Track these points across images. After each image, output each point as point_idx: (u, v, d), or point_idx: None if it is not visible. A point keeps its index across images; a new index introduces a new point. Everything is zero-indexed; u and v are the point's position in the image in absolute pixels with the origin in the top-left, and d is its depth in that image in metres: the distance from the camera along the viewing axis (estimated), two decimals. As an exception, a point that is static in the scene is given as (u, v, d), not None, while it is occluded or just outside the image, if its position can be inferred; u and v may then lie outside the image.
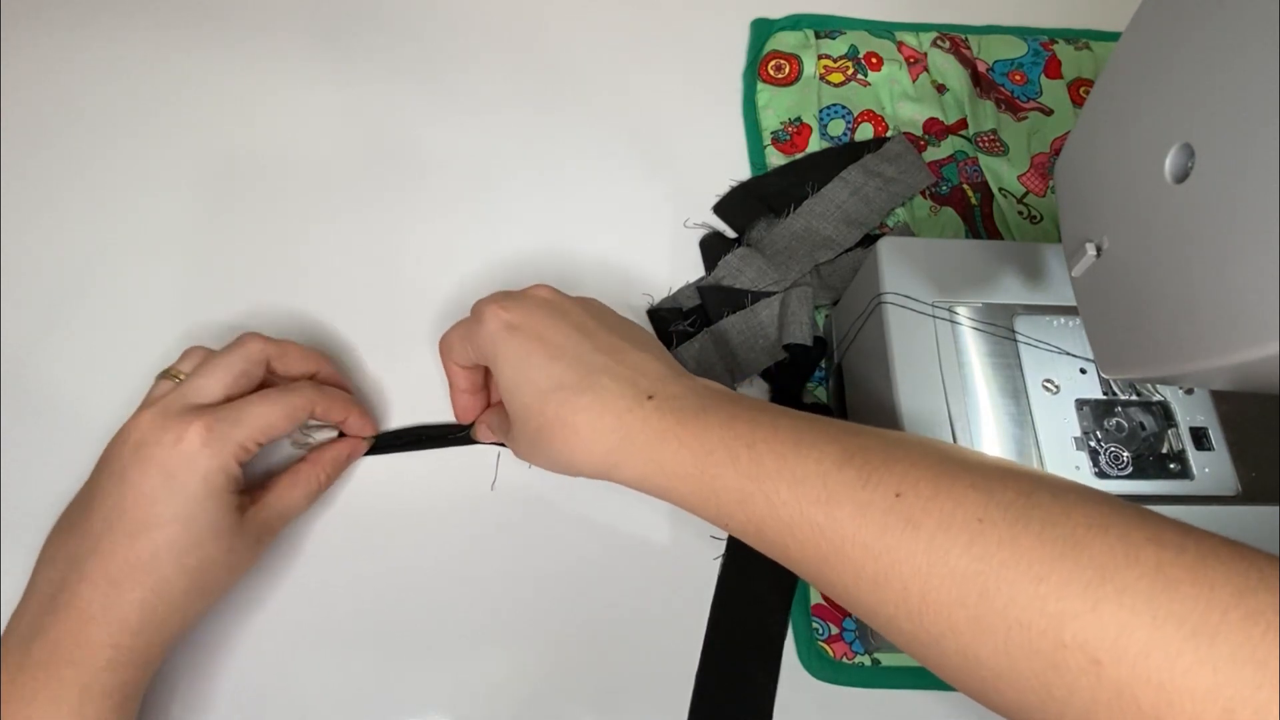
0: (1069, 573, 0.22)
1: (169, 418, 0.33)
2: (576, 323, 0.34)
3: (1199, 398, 0.36)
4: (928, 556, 0.24)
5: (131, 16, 0.53)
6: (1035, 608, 0.22)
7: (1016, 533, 0.23)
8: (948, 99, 0.53)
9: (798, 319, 0.43)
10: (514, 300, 0.34)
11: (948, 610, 0.24)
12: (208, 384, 0.34)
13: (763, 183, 0.50)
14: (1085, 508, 0.24)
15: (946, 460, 0.27)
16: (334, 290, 0.46)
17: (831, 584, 0.27)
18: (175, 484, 0.32)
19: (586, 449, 0.31)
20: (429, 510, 0.41)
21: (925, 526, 0.25)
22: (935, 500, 0.25)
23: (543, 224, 0.49)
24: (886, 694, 0.38)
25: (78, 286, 0.45)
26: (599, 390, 0.31)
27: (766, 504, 0.28)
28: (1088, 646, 0.21)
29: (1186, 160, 0.25)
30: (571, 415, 0.31)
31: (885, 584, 0.25)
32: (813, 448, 0.28)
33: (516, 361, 0.33)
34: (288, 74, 0.52)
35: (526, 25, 0.55)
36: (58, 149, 0.49)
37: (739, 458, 0.29)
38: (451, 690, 0.38)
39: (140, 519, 0.31)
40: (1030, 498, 0.24)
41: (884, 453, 0.27)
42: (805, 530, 0.27)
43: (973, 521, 0.24)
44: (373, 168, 0.50)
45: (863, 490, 0.26)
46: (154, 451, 0.32)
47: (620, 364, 0.32)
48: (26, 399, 0.42)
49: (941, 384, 0.36)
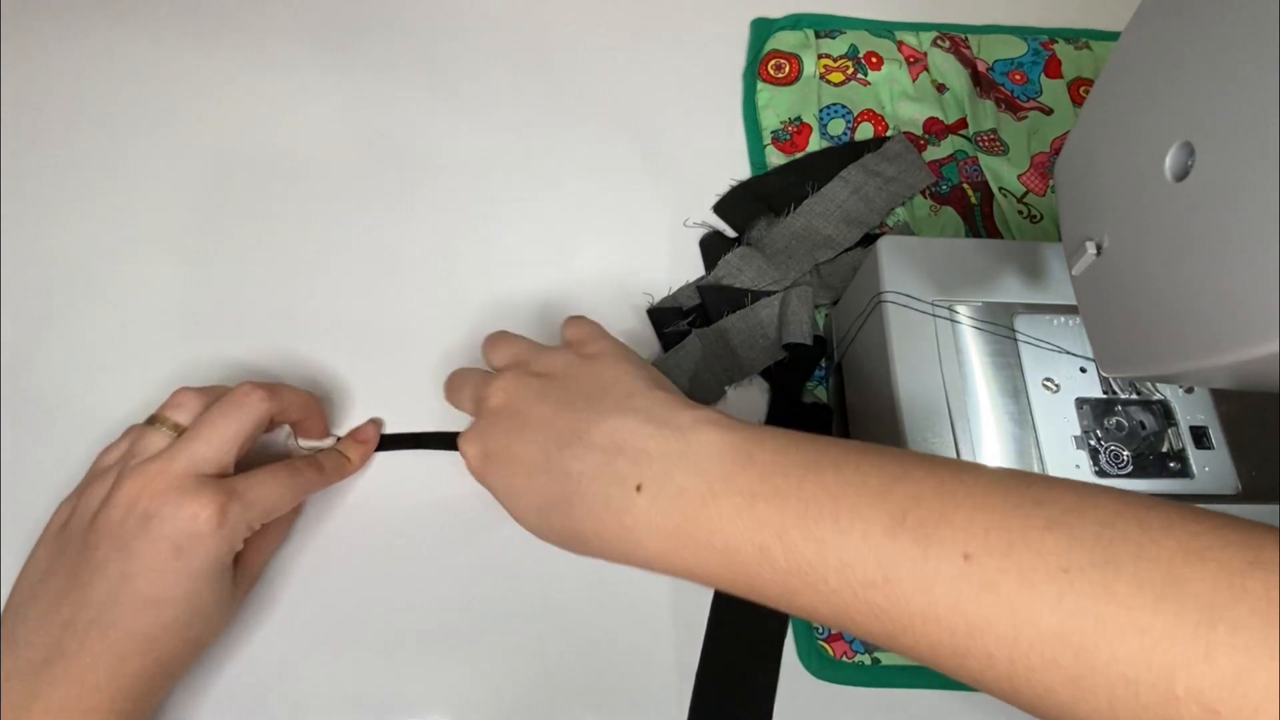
0: (1174, 616, 0.20)
1: (183, 492, 0.32)
2: (536, 420, 0.31)
3: (1199, 396, 0.36)
4: (1012, 621, 0.22)
5: (132, 17, 0.53)
6: (1141, 662, 0.20)
7: (1108, 578, 0.21)
8: (948, 98, 0.53)
9: (798, 318, 0.43)
10: (479, 423, 0.33)
11: (1041, 674, 0.21)
12: (215, 455, 0.33)
13: (763, 182, 0.50)
14: (1175, 531, 0.21)
15: (1011, 495, 0.23)
16: (334, 290, 0.46)
17: (904, 653, 0.24)
18: (184, 561, 0.31)
19: (604, 554, 0.29)
20: (429, 510, 0.41)
21: (1004, 589, 0.22)
22: (1010, 556, 0.22)
23: (542, 223, 0.49)
24: (886, 693, 0.38)
25: (78, 286, 0.45)
26: (584, 498, 0.28)
27: (814, 594, 0.25)
28: (1204, 697, 0.19)
29: (1186, 159, 0.25)
30: (574, 526, 0.29)
31: (966, 654, 0.23)
32: (855, 518, 0.24)
33: (505, 494, 0.32)
34: (288, 75, 0.52)
35: (526, 25, 0.55)
36: (58, 149, 0.49)
37: (771, 553, 0.25)
38: (451, 690, 0.38)
39: (149, 594, 0.31)
40: (1115, 529, 0.22)
41: (939, 500, 0.24)
42: (864, 613, 0.24)
43: (1057, 573, 0.21)
44: (372, 167, 0.50)
45: (924, 562, 0.23)
46: (165, 526, 0.31)
47: (591, 450, 0.29)
48: (26, 399, 0.42)
49: (941, 383, 0.35)
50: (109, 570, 0.31)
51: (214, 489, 0.32)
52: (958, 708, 0.38)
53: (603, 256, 0.48)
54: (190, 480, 0.32)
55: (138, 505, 0.32)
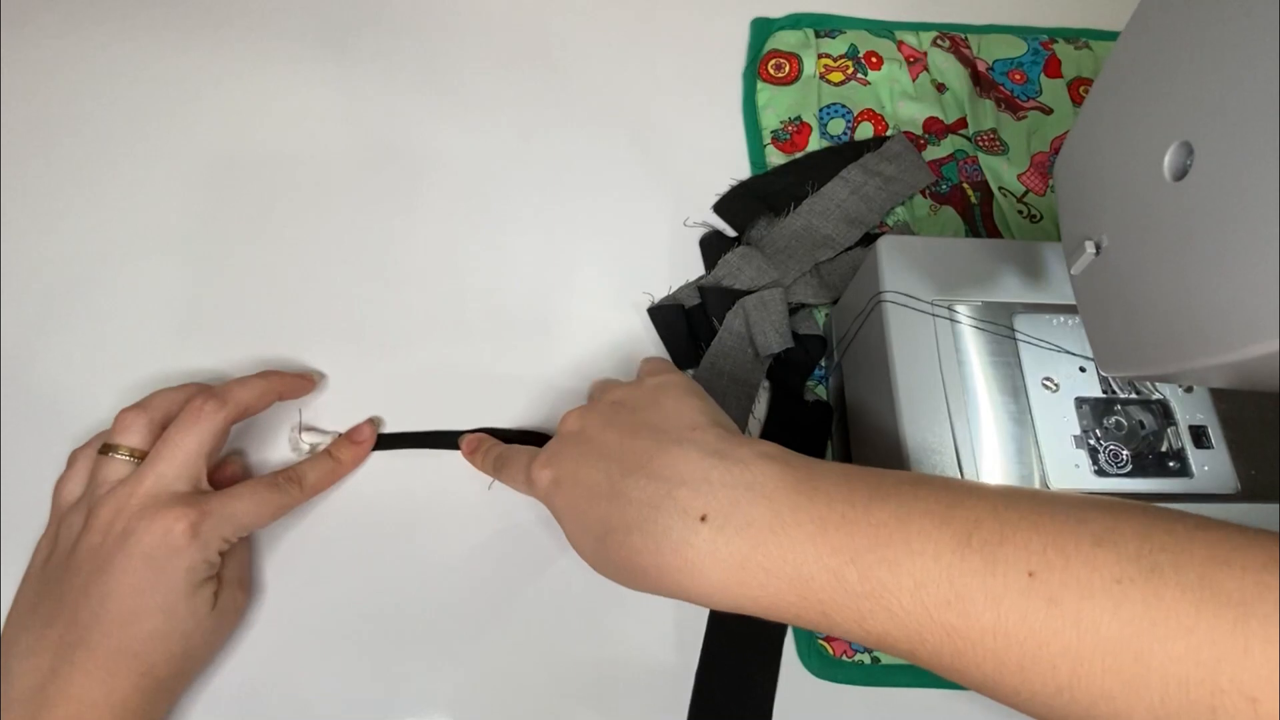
0: (1214, 616, 0.22)
1: (156, 508, 0.33)
2: (602, 448, 0.31)
3: (1198, 396, 0.36)
4: (1076, 632, 0.23)
5: (132, 17, 0.53)
6: (1191, 659, 0.22)
7: (1156, 586, 0.23)
8: (947, 98, 0.53)
9: (761, 328, 0.43)
10: (552, 448, 0.33)
11: (1100, 680, 0.23)
12: (183, 472, 0.35)
13: (763, 182, 0.50)
14: (1199, 539, 0.24)
15: (1058, 516, 0.25)
16: (334, 290, 0.46)
17: (967, 676, 0.25)
18: (160, 575, 0.33)
19: (660, 587, 0.29)
20: (429, 510, 0.41)
21: (1067, 602, 0.23)
22: (1069, 570, 0.24)
23: (543, 223, 0.49)
24: (886, 692, 0.38)
25: (78, 286, 0.45)
26: (645, 527, 0.28)
27: (888, 616, 0.25)
28: (1245, 687, 0.21)
29: (1185, 158, 0.25)
30: (632, 558, 0.29)
31: (1031, 667, 0.24)
32: (926, 540, 0.25)
33: (569, 518, 0.32)
34: (288, 75, 0.52)
35: (526, 25, 0.55)
36: (58, 149, 0.49)
37: (845, 578, 0.26)
38: (451, 690, 0.38)
39: (129, 608, 0.32)
40: (1151, 541, 0.24)
41: (997, 522, 0.25)
42: (936, 634, 0.25)
43: (1112, 584, 0.23)
44: (373, 168, 0.50)
45: (993, 578, 0.24)
46: (141, 541, 0.33)
47: (653, 480, 0.29)
48: (26, 399, 0.42)
49: (941, 382, 0.36)
50: (91, 592, 0.32)
51: (186, 503, 0.34)
52: (957, 708, 0.38)
53: (603, 256, 0.48)
54: (163, 496, 0.34)
55: (114, 526, 0.33)
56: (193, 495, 0.34)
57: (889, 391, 0.36)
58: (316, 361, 0.44)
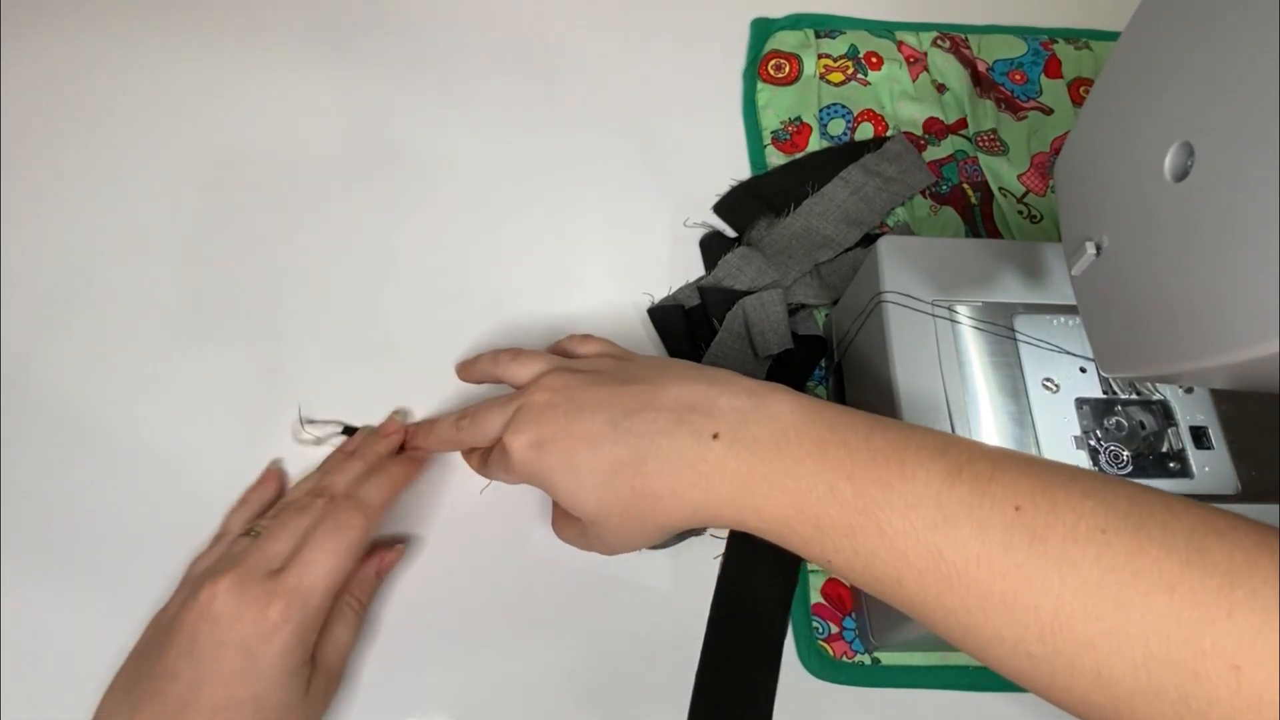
0: (1198, 579, 0.22)
1: (246, 590, 0.31)
2: (593, 400, 0.32)
3: (1199, 396, 0.36)
4: (1059, 571, 0.23)
5: (131, 17, 0.53)
6: (1172, 617, 0.22)
7: (1141, 541, 0.23)
8: (948, 98, 0.53)
9: (760, 329, 0.43)
10: (523, 417, 0.33)
11: (1082, 625, 0.23)
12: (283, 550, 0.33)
13: (763, 182, 0.50)
14: (1193, 512, 0.24)
15: (1051, 470, 0.26)
16: (335, 290, 0.46)
17: (951, 611, 0.26)
18: (252, 663, 0.31)
19: (674, 510, 0.30)
20: (429, 510, 0.41)
21: (1052, 540, 0.24)
22: (1055, 513, 0.24)
23: (543, 223, 0.49)
24: (886, 693, 0.38)
25: (78, 286, 0.45)
26: (660, 451, 0.29)
27: (879, 534, 0.26)
28: (1226, 652, 0.21)
29: (1186, 159, 0.25)
30: (645, 484, 0.30)
31: (1015, 603, 0.24)
32: (918, 466, 0.26)
33: (564, 472, 0.31)
34: (289, 76, 0.52)
35: (526, 26, 0.55)
36: (58, 149, 0.49)
37: (840, 491, 0.27)
38: (451, 690, 0.38)
39: (219, 699, 0.30)
40: (1141, 504, 0.24)
41: (990, 463, 0.26)
42: (922, 557, 0.25)
43: (1096, 533, 0.24)
44: (372, 167, 0.50)
45: (980, 508, 0.25)
46: (233, 629, 0.31)
47: (662, 411, 0.30)
48: (26, 399, 0.42)
49: (941, 383, 0.35)
50: (181, 677, 0.31)
51: (275, 585, 0.32)
52: (957, 708, 0.38)
53: (603, 256, 0.48)
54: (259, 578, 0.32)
55: (211, 609, 0.31)
56: (276, 576, 0.32)
57: (889, 392, 0.36)
58: (316, 362, 0.44)
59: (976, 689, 0.38)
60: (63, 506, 0.40)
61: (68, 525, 0.39)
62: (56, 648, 0.36)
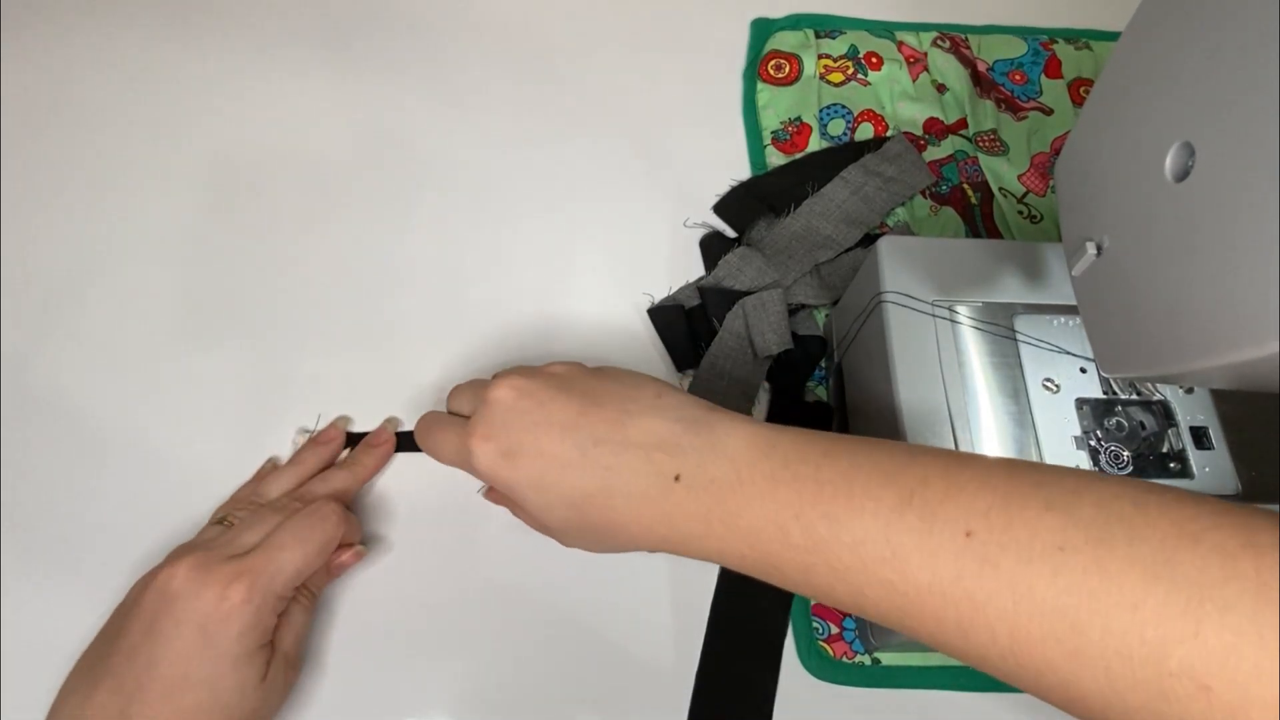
0: (1165, 595, 0.21)
1: (209, 571, 0.32)
2: (562, 415, 0.31)
3: (1199, 397, 0.36)
4: (1011, 595, 0.23)
5: (132, 17, 0.53)
6: (1134, 636, 0.21)
7: (1101, 556, 0.22)
8: (948, 99, 0.53)
9: (759, 329, 0.43)
10: (491, 420, 0.32)
11: (1041, 647, 0.22)
12: (253, 541, 0.34)
13: (763, 182, 0.50)
14: (1171, 515, 0.22)
15: (1014, 479, 0.25)
16: (335, 291, 0.46)
17: (915, 633, 0.26)
18: (209, 642, 0.31)
19: (642, 540, 0.30)
20: (428, 511, 0.41)
21: (1003, 565, 0.23)
22: (1009, 532, 0.23)
23: (543, 223, 0.49)
24: (886, 693, 0.38)
25: (78, 286, 0.45)
26: (626, 490, 0.30)
27: (830, 572, 0.26)
28: (1195, 673, 0.20)
29: (1187, 159, 0.25)
30: (613, 516, 0.30)
31: (971, 629, 0.24)
32: (866, 497, 0.26)
33: (533, 489, 0.31)
34: (290, 77, 0.52)
35: (526, 26, 0.55)
36: (58, 149, 0.49)
37: (789, 532, 0.27)
38: (451, 690, 0.38)
39: (174, 677, 0.31)
40: (1110, 511, 0.23)
41: (945, 482, 0.25)
42: (876, 589, 0.25)
43: (1053, 551, 0.23)
44: (372, 168, 0.50)
45: (930, 536, 0.24)
46: (191, 607, 0.31)
47: (629, 447, 0.30)
48: (26, 399, 0.42)
49: (942, 383, 0.35)
50: (138, 657, 0.31)
51: (238, 566, 0.32)
52: (957, 708, 0.38)
53: (603, 256, 0.48)
54: (220, 559, 0.32)
55: (169, 588, 0.32)
56: (240, 559, 0.33)
57: (889, 392, 0.36)
58: (316, 362, 0.44)
59: (976, 689, 0.38)
60: (62, 506, 0.40)
61: (67, 525, 0.39)
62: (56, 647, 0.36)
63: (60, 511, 0.39)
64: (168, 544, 0.37)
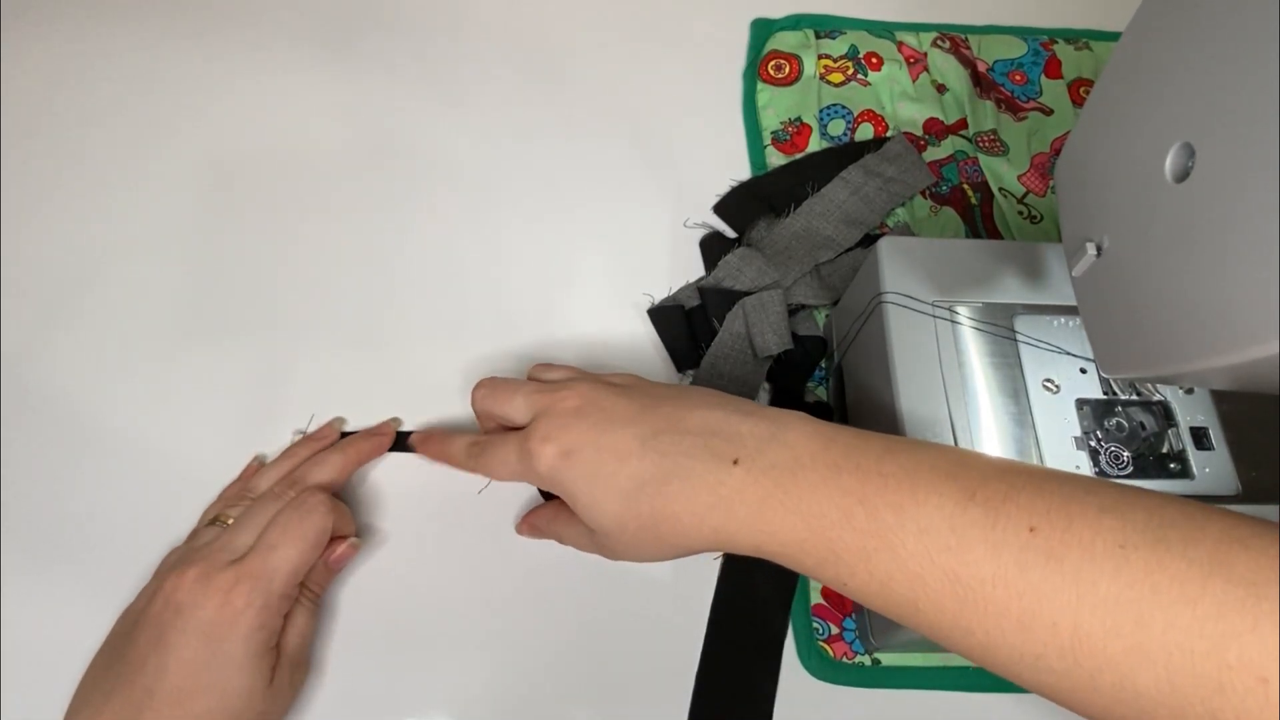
0: (1222, 592, 0.22)
1: (210, 579, 0.32)
2: (623, 414, 0.32)
3: (1199, 397, 0.36)
4: (1076, 589, 0.23)
5: (132, 17, 0.53)
6: (1195, 630, 0.22)
7: (1160, 555, 0.23)
8: (948, 99, 0.53)
9: (759, 330, 0.43)
10: (552, 424, 0.33)
11: (1102, 642, 0.23)
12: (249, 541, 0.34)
13: (763, 183, 0.50)
14: (1217, 522, 0.24)
15: (1068, 485, 0.26)
16: (335, 291, 0.46)
17: (969, 631, 0.26)
18: (216, 648, 0.31)
19: (692, 532, 0.30)
20: (428, 510, 0.41)
21: (1068, 559, 0.24)
22: (1071, 530, 0.24)
23: (543, 224, 0.49)
24: (886, 694, 0.38)
25: (78, 286, 0.45)
26: (683, 473, 0.30)
27: (892, 558, 0.26)
28: (1254, 665, 0.21)
29: (1187, 160, 0.25)
30: (666, 505, 0.30)
31: (1032, 623, 0.24)
32: (931, 491, 0.27)
33: (587, 481, 0.32)
34: (290, 76, 0.52)
35: (526, 26, 0.55)
36: (58, 149, 0.49)
37: (854, 516, 0.27)
38: (451, 690, 0.38)
39: (182, 686, 0.31)
40: (1161, 516, 0.24)
41: (1004, 483, 0.26)
42: (937, 579, 0.26)
43: (1114, 549, 0.23)
44: (372, 168, 0.50)
45: (994, 530, 0.25)
46: (196, 616, 0.32)
47: (687, 434, 0.31)
48: (26, 399, 0.42)
49: (942, 383, 0.35)
50: (147, 666, 0.31)
51: (239, 571, 0.33)
52: (957, 708, 0.38)
53: (603, 257, 0.48)
54: (221, 566, 0.33)
55: (174, 599, 0.32)
56: (239, 563, 0.33)
57: (889, 393, 0.36)
58: (316, 363, 0.44)
59: (976, 689, 0.38)
60: (62, 506, 0.40)
61: (67, 525, 0.39)
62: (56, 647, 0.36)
63: (59, 510, 0.39)
64: (167, 543, 0.38)
